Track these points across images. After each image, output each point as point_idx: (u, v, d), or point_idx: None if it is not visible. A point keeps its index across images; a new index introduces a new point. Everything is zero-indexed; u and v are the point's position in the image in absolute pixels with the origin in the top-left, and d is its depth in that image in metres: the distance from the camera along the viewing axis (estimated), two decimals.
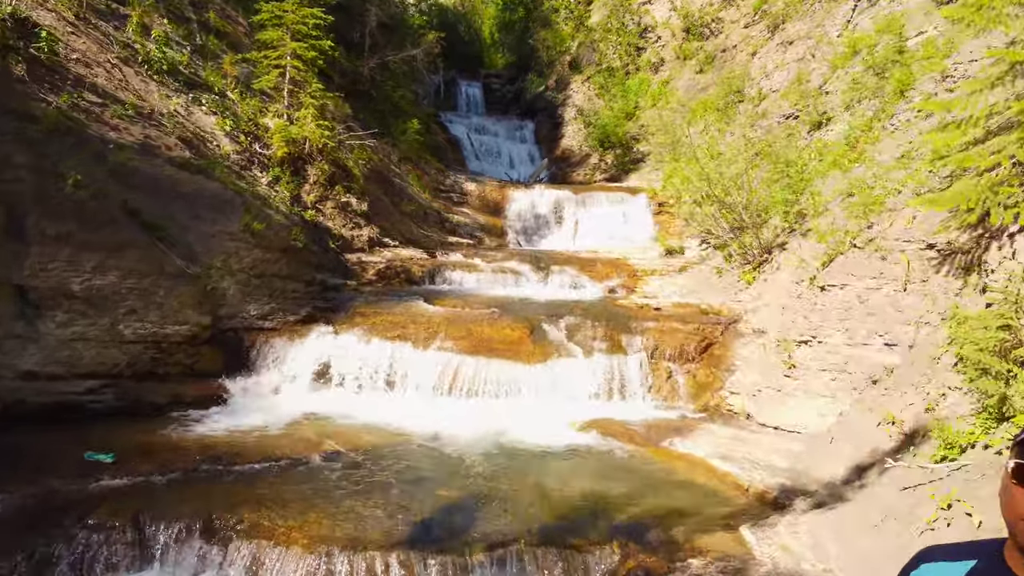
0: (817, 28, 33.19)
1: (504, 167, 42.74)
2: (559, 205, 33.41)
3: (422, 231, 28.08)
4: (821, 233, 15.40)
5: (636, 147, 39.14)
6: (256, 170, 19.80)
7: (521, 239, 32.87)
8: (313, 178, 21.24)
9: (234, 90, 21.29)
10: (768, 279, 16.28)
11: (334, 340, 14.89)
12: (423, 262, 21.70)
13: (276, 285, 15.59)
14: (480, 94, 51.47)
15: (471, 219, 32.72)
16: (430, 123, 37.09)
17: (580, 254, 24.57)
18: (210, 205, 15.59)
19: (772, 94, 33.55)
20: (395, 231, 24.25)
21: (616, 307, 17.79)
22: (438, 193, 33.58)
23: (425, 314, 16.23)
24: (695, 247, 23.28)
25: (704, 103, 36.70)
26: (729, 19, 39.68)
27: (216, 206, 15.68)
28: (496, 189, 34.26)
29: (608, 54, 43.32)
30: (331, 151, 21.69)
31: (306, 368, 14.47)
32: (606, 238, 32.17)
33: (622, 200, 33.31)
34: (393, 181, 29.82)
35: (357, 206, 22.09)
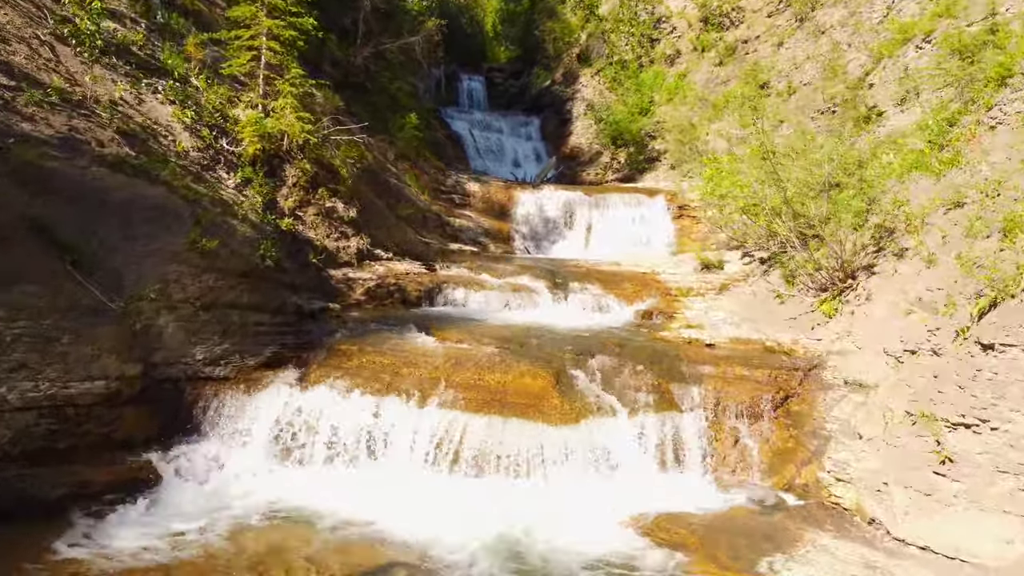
0: (852, 16, 29.45)
1: (508, 165, 39.01)
2: (570, 207, 29.73)
3: (420, 238, 24.38)
4: (929, 255, 11.71)
5: (651, 145, 35.40)
6: (221, 170, 16.10)
7: (529, 245, 29.21)
8: (292, 180, 17.54)
9: (199, 76, 17.56)
10: (856, 311, 12.59)
11: (302, 395, 11.13)
12: (421, 278, 17.99)
13: (232, 319, 11.89)
14: (482, 88, 47.70)
15: (474, 223, 29.01)
16: (430, 119, 33.32)
17: (601, 266, 20.86)
18: (149, 217, 11.90)
19: (803, 87, 29.84)
20: (389, 240, 20.52)
21: (657, 340, 14.09)
22: (438, 194, 29.86)
23: (422, 353, 12.54)
24: (736, 260, 19.61)
25: (726, 97, 32.99)
26: (750, 8, 35.93)
27: (156, 218, 11.98)
28: (501, 190, 30.54)
29: (620, 46, 39.56)
30: (314, 148, 17.99)
31: (263, 433, 10.74)
32: (622, 244, 28.54)
33: (638, 202, 29.61)
34: (388, 181, 26.09)
35: (344, 212, 18.38)
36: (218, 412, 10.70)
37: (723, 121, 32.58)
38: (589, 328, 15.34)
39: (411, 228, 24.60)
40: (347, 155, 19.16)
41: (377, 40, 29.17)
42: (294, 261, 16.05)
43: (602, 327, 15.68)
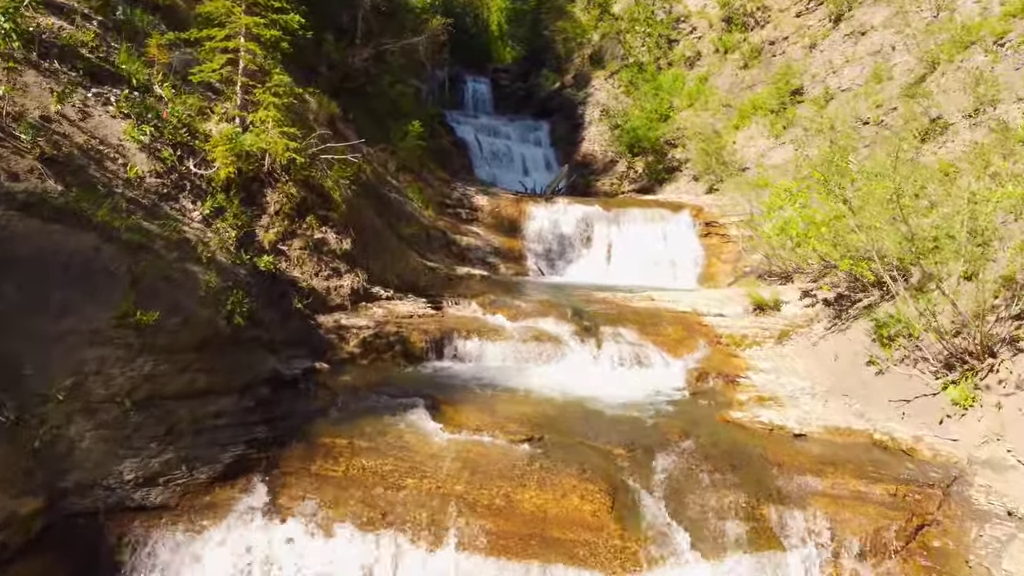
0: (898, 15, 26.20)
1: (517, 173, 35.79)
2: (587, 223, 26.57)
3: (425, 262, 21.17)
4: None
5: (671, 153, 32.15)
6: (186, 199, 12.88)
7: (543, 265, 26.03)
8: (274, 207, 14.33)
9: (164, 83, 14.31)
10: (1006, 404, 9.32)
11: (267, 534, 7.85)
12: (426, 323, 14.79)
13: (179, 415, 8.67)
14: (488, 91, 44.50)
15: (483, 241, 25.82)
16: (434, 124, 30.06)
17: (632, 302, 17.66)
18: (68, 279, 8.68)
19: (842, 93, 26.61)
20: (389, 271, 17.32)
21: (728, 425, 10.86)
22: (444, 209, 26.65)
23: (430, 451, 9.32)
24: (794, 300, 16.39)
25: (753, 103, 29.73)
26: (777, 7, 32.68)
27: (79, 279, 8.76)
28: (512, 203, 27.33)
29: (636, 47, 36.30)
30: (301, 169, 14.77)
31: None
32: (645, 265, 25.41)
33: (662, 218, 26.45)
34: (388, 197, 22.87)
35: (337, 243, 15.16)
36: (149, 563, 7.46)
37: (751, 128, 29.36)
38: (633, 399, 12.12)
39: (414, 250, 21.41)
40: (341, 175, 15.91)
41: (377, 40, 25.92)
42: (274, 309, 12.85)
43: (649, 395, 12.48)
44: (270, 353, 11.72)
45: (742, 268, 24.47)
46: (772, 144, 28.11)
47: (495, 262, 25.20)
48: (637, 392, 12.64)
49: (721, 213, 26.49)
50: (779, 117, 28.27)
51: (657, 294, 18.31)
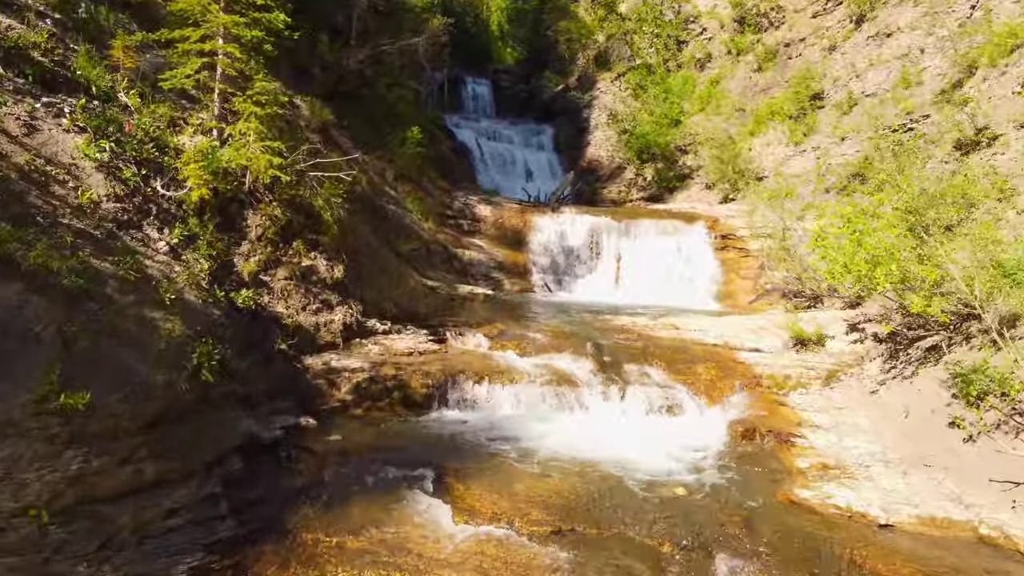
0: (926, 16, 24.23)
1: (520, 179, 33.81)
2: (596, 235, 24.63)
3: (425, 281, 19.23)
4: None
5: (682, 160, 30.18)
6: (151, 227, 10.91)
7: (549, 280, 24.08)
8: (256, 232, 12.37)
9: (131, 91, 12.31)
10: None
11: None
12: (428, 361, 12.86)
13: (119, 522, 6.71)
14: (489, 93, 42.46)
15: (486, 255, 23.86)
16: (434, 128, 28.02)
17: (655, 331, 15.73)
18: None
19: (867, 99, 24.64)
20: (386, 297, 15.37)
21: (793, 508, 8.91)
22: (444, 220, 24.69)
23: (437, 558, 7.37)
24: (839, 332, 14.43)
25: (770, 108, 27.77)
26: (792, 7, 30.71)
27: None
28: (516, 213, 25.38)
29: (643, 48, 34.29)
30: (287, 187, 12.77)
31: None
32: (658, 282, 23.48)
33: (675, 230, 24.51)
34: (386, 210, 20.90)
35: (327, 272, 13.20)
36: None
37: (767, 135, 27.41)
38: (671, 464, 10.20)
39: (414, 269, 19.47)
40: (333, 193, 13.91)
41: (374, 41, 23.91)
42: (253, 354, 10.89)
43: (688, 455, 10.56)
44: (246, 410, 9.78)
45: (763, 285, 22.57)
46: (791, 152, 26.18)
47: (499, 278, 23.27)
48: (673, 451, 10.72)
49: (739, 225, 24.56)
50: (798, 123, 26.33)
51: (680, 320, 16.35)
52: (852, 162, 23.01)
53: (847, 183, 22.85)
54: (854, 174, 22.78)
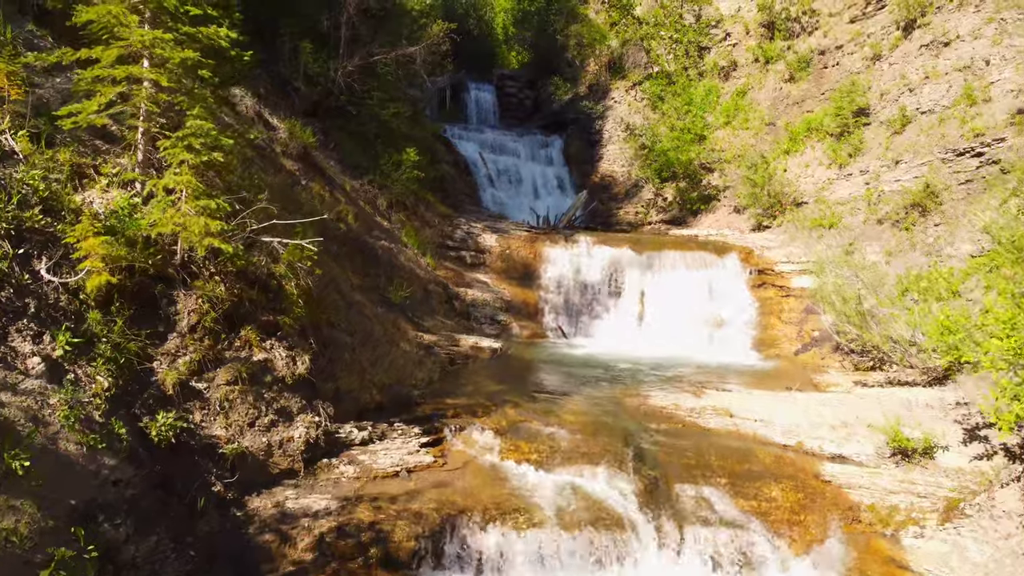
0: (991, 24, 20.73)
1: (527, 196, 30.42)
2: (616, 269, 21.27)
3: (420, 336, 15.88)
4: None
5: (706, 179, 26.71)
6: (22, 335, 7.59)
7: (563, 322, 20.68)
8: (189, 320, 8.97)
9: (19, 133, 8.85)
10: None
11: None
12: (419, 488, 9.51)
13: None
14: (493, 100, 39.02)
15: (491, 293, 20.45)
16: (434, 145, 24.51)
17: (706, 421, 12.36)
18: None
19: (923, 116, 21.16)
20: (368, 383, 11.96)
21: None
22: (445, 253, 21.29)
23: None
24: (954, 439, 10.93)
25: (807, 124, 24.27)
26: (827, 11, 27.21)
27: None
28: (525, 243, 21.98)
29: (661, 55, 30.75)
30: (234, 258, 9.25)
31: None
32: (687, 325, 20.10)
33: (704, 263, 21.12)
34: (376, 249, 17.48)
35: (287, 367, 9.76)
36: None
37: (805, 154, 23.93)
38: None
39: (408, 321, 16.10)
40: (296, 258, 10.40)
41: (366, 50, 20.41)
42: (168, 513, 7.49)
43: None
44: None
45: (809, 332, 19.15)
46: (834, 174, 22.71)
47: (506, 321, 19.87)
48: None
49: (778, 258, 21.12)
50: (842, 142, 22.84)
51: (734, 402, 12.95)
52: (910, 190, 19.55)
53: (904, 214, 19.39)
54: (913, 204, 19.33)
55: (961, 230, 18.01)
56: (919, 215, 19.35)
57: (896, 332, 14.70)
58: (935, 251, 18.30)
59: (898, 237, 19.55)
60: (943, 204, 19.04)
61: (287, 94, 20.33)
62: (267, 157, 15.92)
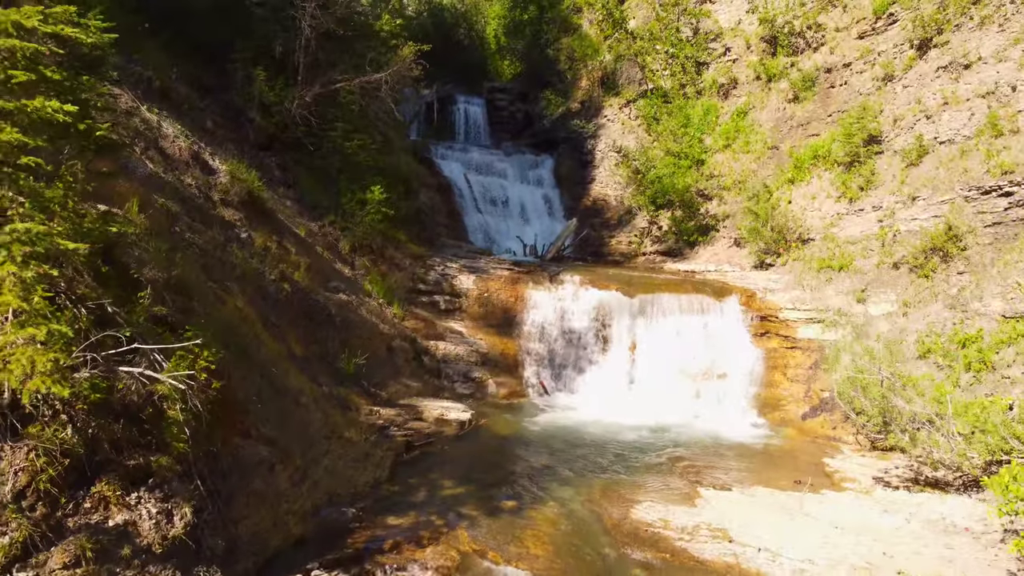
0: (1017, 45, 18.31)
1: (514, 221, 28.08)
2: (605, 314, 18.99)
3: (373, 411, 13.61)
4: None
5: (704, 207, 24.31)
6: None
7: (545, 376, 18.41)
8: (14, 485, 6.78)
9: None
10: None
11: None
12: None
13: None
14: (483, 114, 36.53)
15: (466, 345, 18.12)
16: (410, 174, 22.06)
17: (699, 551, 10.01)
18: None
19: (942, 147, 18.76)
20: (286, 509, 9.69)
21: None
22: (416, 298, 18.93)
23: None
24: None
25: (814, 151, 21.84)
26: (833, 25, 24.74)
27: None
28: (505, 284, 19.62)
29: (657, 71, 28.29)
30: (87, 392, 6.89)
31: None
32: (682, 380, 17.83)
33: (702, 308, 18.79)
34: (330, 306, 15.14)
35: (156, 530, 7.51)
36: None
37: (811, 184, 21.51)
38: None
39: (362, 395, 13.83)
40: (181, 371, 7.98)
41: (327, 76, 18.01)
42: None
43: None
44: None
45: (818, 392, 16.83)
46: (844, 208, 20.30)
47: (482, 378, 17.55)
48: None
49: (782, 303, 18.76)
50: (852, 173, 20.42)
51: (737, 513, 10.66)
52: (928, 231, 17.17)
53: (923, 259, 17.00)
54: (932, 247, 16.96)
55: (990, 283, 15.60)
56: (940, 260, 16.95)
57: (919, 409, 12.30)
58: (960, 305, 15.90)
59: (916, 285, 17.16)
60: (967, 249, 16.63)
61: (241, 126, 17.96)
62: (198, 209, 13.57)
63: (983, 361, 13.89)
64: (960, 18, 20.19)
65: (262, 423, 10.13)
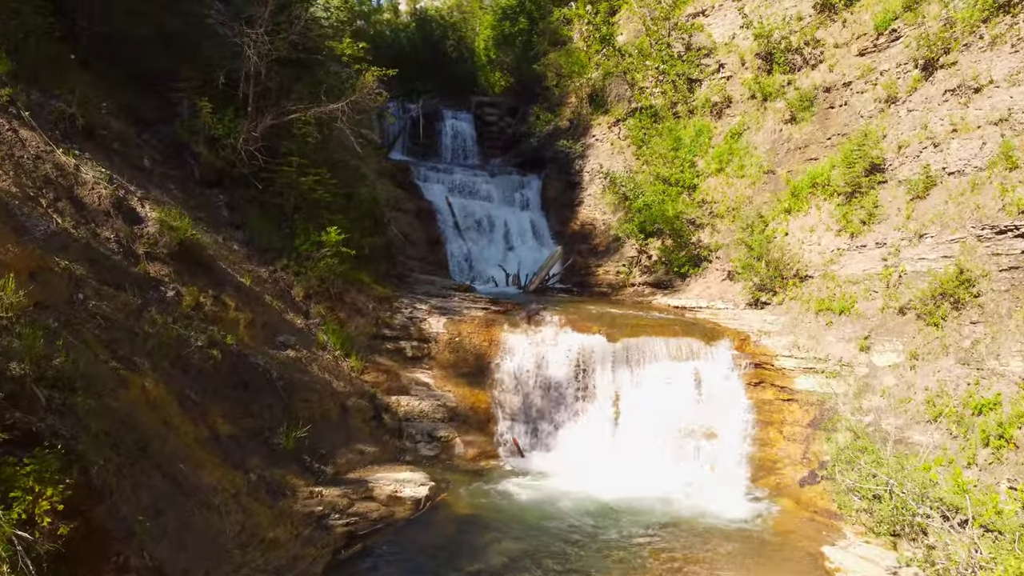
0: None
1: (498, 247, 26.30)
2: (586, 363, 17.22)
3: (317, 496, 11.88)
4: None
5: (696, 236, 22.43)
6: None
7: (520, 431, 16.68)
8: None
9: None
10: None
11: None
12: None
13: None
14: (471, 130, 34.79)
15: (432, 399, 16.34)
16: (377, 210, 20.21)
17: None
18: None
19: (950, 178, 16.92)
20: None
21: None
22: (379, 347, 17.15)
23: None
24: None
25: (811, 178, 19.97)
26: (832, 41, 22.84)
27: None
28: (479, 327, 17.86)
29: (646, 88, 26.41)
30: None
31: None
32: (669, 438, 16.03)
33: (692, 353, 17.01)
34: (268, 371, 13.32)
35: None
36: None
37: (810, 215, 19.65)
38: None
39: (302, 474, 12.20)
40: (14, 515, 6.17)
41: (279, 107, 16.18)
42: None
43: None
44: None
45: (817, 455, 14.98)
46: (845, 243, 18.42)
47: (448, 437, 15.77)
48: None
49: (778, 349, 16.95)
50: (853, 204, 18.54)
51: None
52: (937, 274, 15.28)
53: (933, 305, 15.11)
54: (942, 292, 15.05)
55: (1008, 338, 13.73)
56: (951, 307, 15.05)
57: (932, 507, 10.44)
58: (974, 361, 14.02)
59: (925, 334, 15.26)
60: (981, 296, 14.74)
61: (185, 162, 16.16)
62: (112, 269, 11.76)
63: (1003, 436, 12.02)
64: (969, 37, 18.28)
65: (152, 544, 8.31)
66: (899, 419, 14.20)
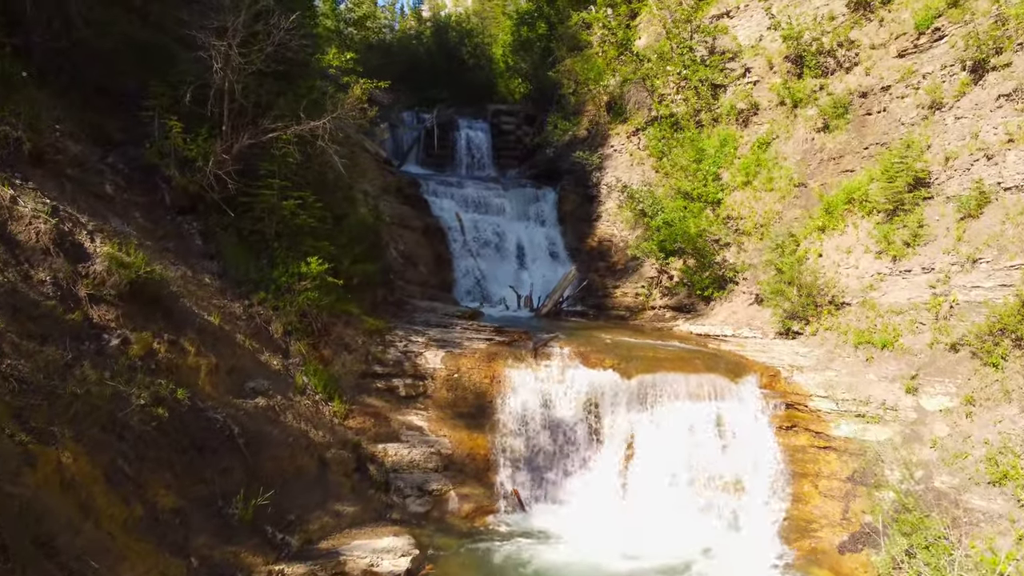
0: None
1: (511, 265, 24.46)
2: (597, 401, 15.37)
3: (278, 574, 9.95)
4: None
5: (720, 256, 20.35)
6: None
7: (522, 482, 14.84)
8: None
9: None
10: None
11: None
12: None
13: None
14: (486, 139, 32.99)
15: (425, 446, 14.50)
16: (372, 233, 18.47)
17: None
18: None
19: (1007, 194, 14.74)
20: None
21: None
22: (369, 384, 15.39)
23: None
24: None
25: (847, 193, 17.84)
26: (868, 42, 20.67)
27: None
28: (481, 360, 16.05)
29: (667, 94, 24.39)
30: None
31: None
32: (690, 488, 14.06)
33: (715, 392, 15.04)
34: (228, 427, 11.54)
35: None
36: None
37: (846, 234, 17.53)
38: None
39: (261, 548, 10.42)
40: None
41: (256, 126, 14.46)
42: None
43: None
44: None
45: (859, 515, 12.96)
46: (887, 268, 16.30)
47: (440, 490, 13.91)
48: None
49: (813, 386, 14.92)
50: (895, 223, 16.42)
51: None
52: (995, 305, 13.18)
53: (992, 343, 12.99)
54: (1001, 328, 12.91)
55: None
56: (1012, 345, 12.94)
57: None
58: None
59: (982, 375, 13.15)
60: None
61: (155, 187, 14.48)
62: (41, 318, 10.05)
63: None
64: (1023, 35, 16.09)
65: None
66: (954, 477, 12.12)
